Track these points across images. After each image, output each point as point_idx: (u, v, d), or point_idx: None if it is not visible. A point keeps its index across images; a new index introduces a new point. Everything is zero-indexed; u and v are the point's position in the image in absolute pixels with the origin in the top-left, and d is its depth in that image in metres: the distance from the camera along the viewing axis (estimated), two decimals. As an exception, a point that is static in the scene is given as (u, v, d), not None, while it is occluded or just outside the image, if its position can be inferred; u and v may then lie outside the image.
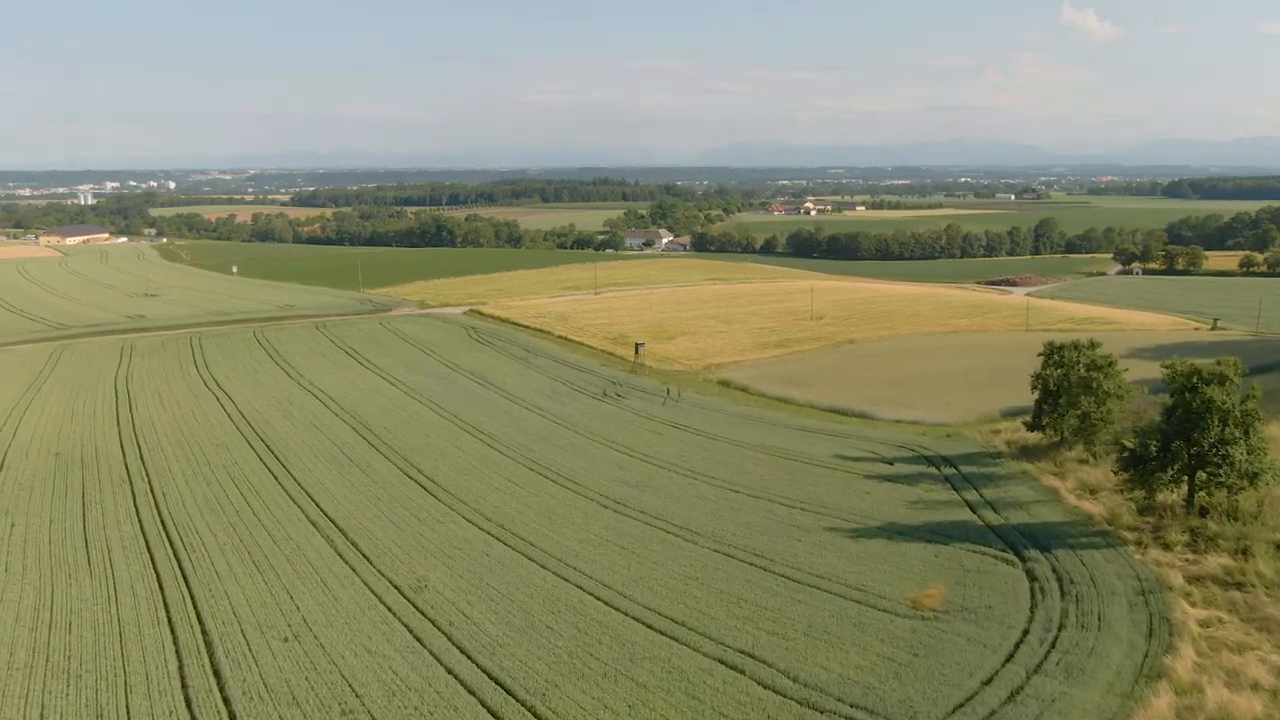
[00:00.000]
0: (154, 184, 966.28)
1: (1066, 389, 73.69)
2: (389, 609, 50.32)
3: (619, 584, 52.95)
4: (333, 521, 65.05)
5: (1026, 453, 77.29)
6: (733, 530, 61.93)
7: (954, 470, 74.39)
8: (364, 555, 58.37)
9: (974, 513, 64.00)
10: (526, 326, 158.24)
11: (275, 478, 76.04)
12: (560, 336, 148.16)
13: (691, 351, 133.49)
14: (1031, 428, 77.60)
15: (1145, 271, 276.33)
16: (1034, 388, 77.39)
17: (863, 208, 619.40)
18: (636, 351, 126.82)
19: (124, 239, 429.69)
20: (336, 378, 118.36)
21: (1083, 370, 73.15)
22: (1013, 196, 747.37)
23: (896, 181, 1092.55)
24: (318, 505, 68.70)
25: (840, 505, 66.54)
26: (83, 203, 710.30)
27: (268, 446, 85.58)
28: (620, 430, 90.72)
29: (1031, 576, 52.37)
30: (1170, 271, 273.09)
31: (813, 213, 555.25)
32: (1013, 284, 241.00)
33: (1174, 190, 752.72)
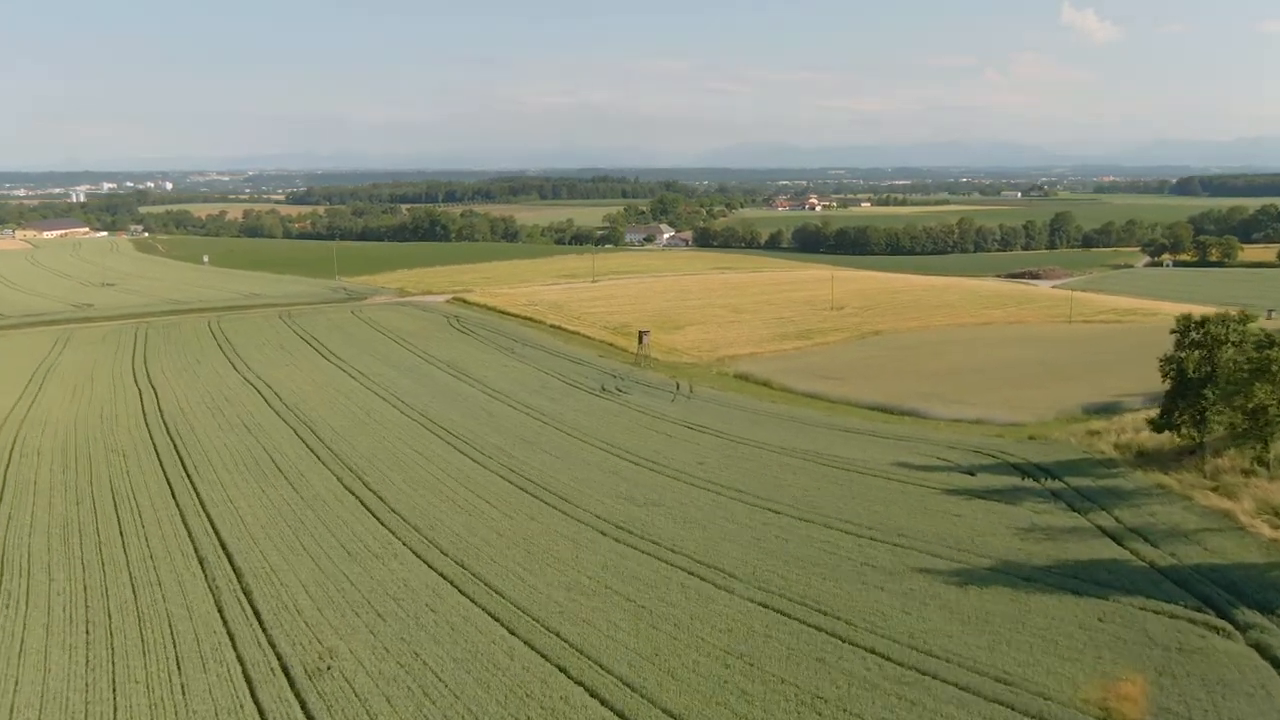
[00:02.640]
0: (151, 184, 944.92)
1: (1213, 375, 55.49)
2: (262, 716, 32.40)
3: (624, 666, 34.91)
4: (229, 557, 47.21)
5: (1148, 459, 59.47)
6: (782, 570, 44.04)
7: (1060, 483, 56.66)
8: (254, 612, 40.32)
9: (1120, 545, 45.75)
10: (516, 315, 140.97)
11: (173, 493, 58.19)
12: (553, 326, 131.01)
13: (702, 343, 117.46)
14: (1160, 427, 59.20)
15: (1176, 263, 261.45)
16: (1165, 375, 59.20)
17: (868, 204, 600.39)
18: (640, 341, 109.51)
19: (104, 234, 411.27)
20: (288, 370, 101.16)
21: (1245, 349, 54.69)
22: (1019, 194, 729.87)
23: (898, 181, 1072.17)
24: (216, 533, 50.87)
25: (925, 533, 48.60)
26: (74, 201, 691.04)
27: (177, 451, 67.84)
28: (623, 432, 73.27)
29: (1272, 659, 33.80)
30: (1203, 263, 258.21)
31: (818, 208, 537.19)
32: (1036, 277, 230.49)
33: (1184, 188, 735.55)
